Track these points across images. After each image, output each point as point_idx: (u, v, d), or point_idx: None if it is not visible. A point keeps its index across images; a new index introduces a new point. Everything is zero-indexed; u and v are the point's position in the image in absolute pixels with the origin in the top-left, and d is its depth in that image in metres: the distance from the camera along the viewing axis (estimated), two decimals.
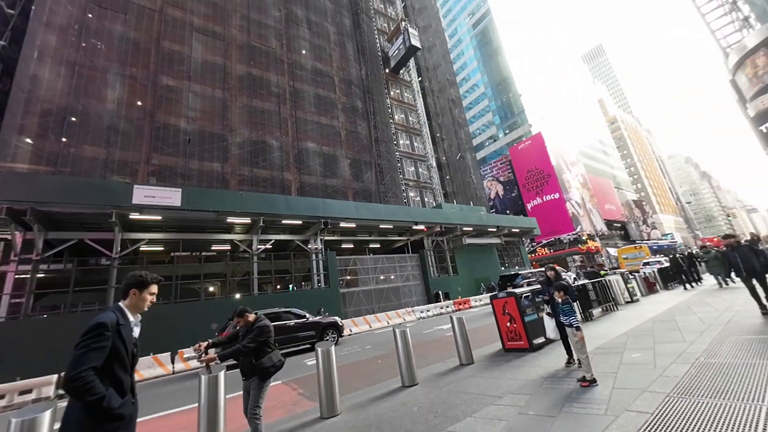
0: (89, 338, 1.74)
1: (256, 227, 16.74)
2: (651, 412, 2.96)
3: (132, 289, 2.13)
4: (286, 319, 10.99)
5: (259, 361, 3.40)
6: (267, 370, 3.39)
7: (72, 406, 1.69)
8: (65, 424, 1.67)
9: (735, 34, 50.17)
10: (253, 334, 3.45)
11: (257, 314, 3.77)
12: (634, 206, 66.97)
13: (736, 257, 6.37)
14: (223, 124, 20.68)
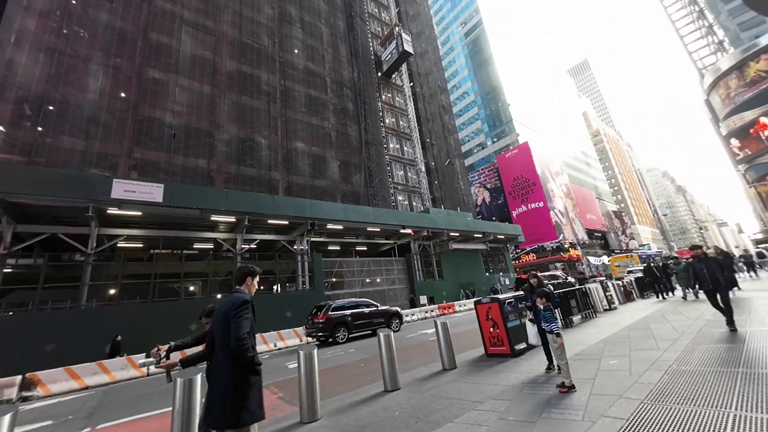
0: (242, 310, 2.33)
1: (241, 226, 16.43)
2: (626, 418, 3.03)
3: (248, 277, 2.70)
4: (365, 306, 13.51)
5: None
6: None
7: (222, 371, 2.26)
8: (228, 383, 2.21)
9: (710, 56, 52.90)
10: None
11: None
12: (614, 217, 69.25)
13: (702, 269, 6.14)
14: (211, 120, 20.28)
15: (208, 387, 2.32)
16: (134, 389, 8.18)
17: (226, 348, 2.27)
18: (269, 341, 13.07)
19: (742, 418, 2.73)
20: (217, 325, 2.43)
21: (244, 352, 2.20)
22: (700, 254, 6.34)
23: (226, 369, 2.25)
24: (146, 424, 5.27)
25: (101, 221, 13.82)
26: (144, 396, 7.26)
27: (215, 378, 2.30)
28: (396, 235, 24.26)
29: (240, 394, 2.21)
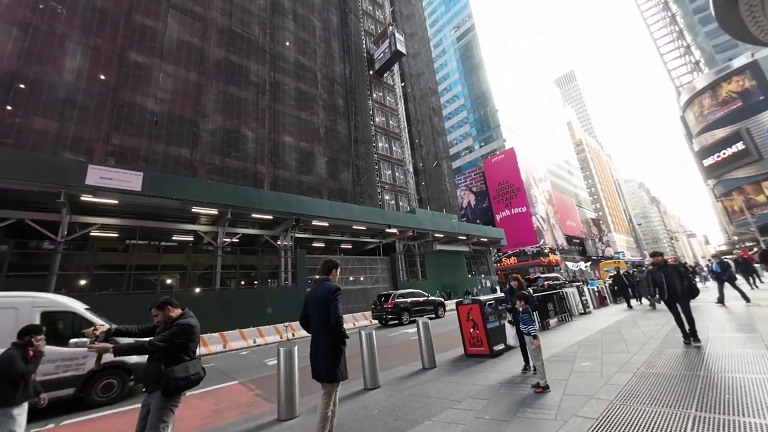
0: (338, 295, 3.06)
1: (224, 219, 16.06)
2: (595, 417, 3.16)
3: (333, 269, 3.29)
4: (418, 296, 16.15)
5: (169, 368, 2.59)
6: (176, 383, 2.57)
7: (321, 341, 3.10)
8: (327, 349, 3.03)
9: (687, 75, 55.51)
10: (169, 332, 2.67)
11: (185, 310, 2.95)
12: (592, 224, 71.70)
13: (661, 277, 5.80)
14: (196, 108, 19.69)
15: (311, 352, 3.17)
16: None
17: (322, 324, 3.08)
18: (248, 337, 12.83)
19: (700, 419, 2.90)
20: (313, 307, 3.15)
21: (340, 328, 3.03)
22: (660, 261, 5.96)
23: (323, 339, 3.06)
24: (117, 420, 5.08)
25: (74, 208, 13.19)
26: None
27: (317, 346, 3.12)
28: (381, 234, 24.29)
29: (335, 357, 3.03)
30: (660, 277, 5.81)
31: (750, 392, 3.35)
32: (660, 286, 5.80)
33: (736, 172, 38.12)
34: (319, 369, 3.07)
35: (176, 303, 2.92)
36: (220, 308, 14.83)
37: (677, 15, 55.10)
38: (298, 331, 14.60)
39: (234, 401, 5.42)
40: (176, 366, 2.61)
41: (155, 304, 2.89)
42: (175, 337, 2.64)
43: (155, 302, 2.90)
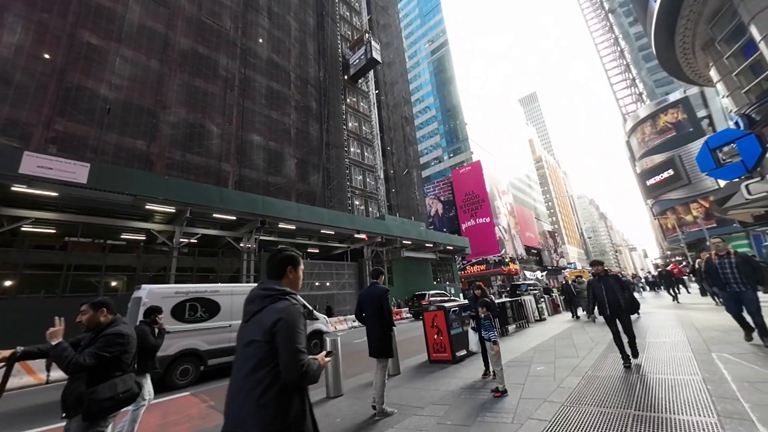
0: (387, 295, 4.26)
1: (181, 218, 15.06)
2: (549, 420, 3.34)
3: (381, 275, 4.42)
4: (444, 296, 20.20)
5: (92, 388, 2.17)
6: (99, 405, 2.15)
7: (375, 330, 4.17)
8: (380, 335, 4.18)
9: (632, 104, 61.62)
10: (96, 346, 2.23)
11: (116, 316, 2.54)
12: (548, 236, 76.48)
13: (602, 290, 5.18)
14: (156, 99, 18.43)
15: (368, 337, 4.22)
16: (29, 398, 6.95)
17: (376, 318, 4.13)
18: None
19: (639, 417, 3.17)
20: (368, 304, 4.23)
21: (391, 318, 4.16)
22: (600, 271, 5.36)
23: (377, 327, 4.13)
24: None
25: (2, 199, 11.70)
26: (42, 407, 6.20)
27: (372, 332, 4.19)
28: (350, 240, 24.10)
29: (387, 341, 4.11)
30: (600, 289, 5.19)
31: (681, 392, 3.73)
32: (600, 300, 5.17)
33: (670, 193, 42.75)
34: (375, 348, 4.10)
35: (113, 308, 2.56)
36: None
37: (625, 50, 61.25)
38: None
39: (184, 414, 5.04)
40: (102, 385, 2.21)
41: (91, 301, 2.54)
42: (103, 350, 2.22)
43: (90, 301, 2.56)
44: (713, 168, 13.23)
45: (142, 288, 7.35)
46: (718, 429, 2.77)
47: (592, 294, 5.35)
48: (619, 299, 5.00)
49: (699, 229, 36.77)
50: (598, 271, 5.40)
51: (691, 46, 15.32)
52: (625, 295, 5.02)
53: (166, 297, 7.20)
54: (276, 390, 1.40)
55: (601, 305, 5.18)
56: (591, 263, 5.62)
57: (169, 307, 7.12)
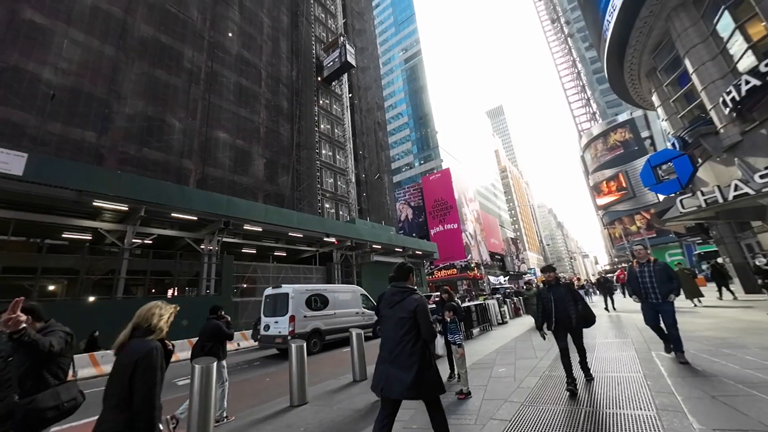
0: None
1: (135, 217, 13.97)
2: (509, 419, 3.48)
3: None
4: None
5: (30, 398, 1.91)
6: (42, 415, 1.91)
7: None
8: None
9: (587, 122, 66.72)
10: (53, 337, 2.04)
11: (49, 321, 2.23)
12: (511, 243, 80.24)
13: (551, 300, 4.39)
14: (110, 88, 17.05)
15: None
16: None
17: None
18: None
19: (590, 413, 3.39)
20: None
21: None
22: (551, 279, 4.57)
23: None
24: None
25: None
26: None
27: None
28: (319, 243, 23.67)
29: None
30: (549, 300, 4.39)
31: (626, 388, 4.04)
32: (548, 312, 4.38)
33: (618, 206, 46.70)
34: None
35: (41, 313, 2.20)
36: (121, 320, 12.63)
37: (582, 72, 66.49)
38: None
39: None
40: (41, 394, 1.94)
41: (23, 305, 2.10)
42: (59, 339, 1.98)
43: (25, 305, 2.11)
44: (654, 183, 14.67)
45: (285, 286, 10.76)
46: (656, 421, 3.04)
47: (542, 306, 4.47)
48: (569, 312, 4.26)
49: (642, 238, 40.46)
50: (549, 279, 4.55)
51: (637, 73, 16.98)
52: (577, 308, 4.31)
53: (303, 292, 10.67)
54: (420, 343, 2.53)
55: (548, 318, 4.37)
56: (542, 269, 4.76)
57: (303, 299, 10.58)
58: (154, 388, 1.71)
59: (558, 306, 4.35)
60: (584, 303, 4.42)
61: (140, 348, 1.81)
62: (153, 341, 1.91)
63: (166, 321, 2.05)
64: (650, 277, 5.04)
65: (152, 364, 1.75)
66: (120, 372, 1.75)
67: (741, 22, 10.52)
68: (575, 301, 4.36)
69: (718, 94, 11.36)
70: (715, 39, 11.71)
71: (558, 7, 73.49)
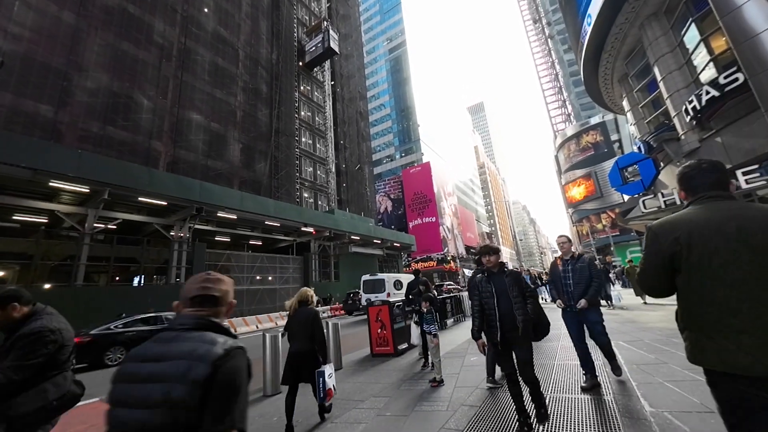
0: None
1: (97, 199, 13.12)
2: (479, 405, 3.61)
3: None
4: None
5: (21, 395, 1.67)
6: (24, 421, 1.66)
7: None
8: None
9: (562, 123, 69.12)
10: (15, 353, 1.69)
11: (36, 306, 1.95)
12: (486, 237, 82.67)
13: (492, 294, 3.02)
14: (69, 58, 15.69)
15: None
16: None
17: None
18: None
19: (553, 398, 3.59)
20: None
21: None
22: (493, 265, 3.14)
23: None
24: None
25: None
26: None
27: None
28: (296, 233, 23.30)
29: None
30: (490, 295, 3.01)
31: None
32: (489, 313, 3.01)
33: (587, 204, 49.09)
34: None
35: (27, 297, 1.90)
36: (80, 309, 11.96)
37: (559, 74, 68.52)
38: None
39: (91, 423, 4.41)
40: (34, 389, 1.69)
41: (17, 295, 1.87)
42: (25, 359, 1.67)
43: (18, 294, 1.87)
44: (620, 184, 15.51)
45: (380, 274, 17.12)
46: (613, 404, 3.27)
47: (478, 303, 3.08)
48: (515, 313, 2.89)
49: (606, 236, 42.90)
50: (489, 265, 3.12)
51: (611, 78, 17.71)
52: (525, 308, 2.90)
53: (391, 278, 16.11)
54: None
55: (490, 323, 2.98)
56: (480, 250, 3.26)
57: (392, 282, 16.75)
58: (323, 331, 3.54)
59: (501, 304, 2.92)
60: (535, 301, 3.00)
61: (310, 311, 3.59)
62: (313, 308, 3.71)
63: (314, 297, 3.82)
64: (573, 277, 3.92)
65: (320, 319, 3.56)
66: (303, 323, 3.48)
67: (705, 35, 11.18)
68: (523, 297, 2.93)
69: (681, 103, 12.09)
70: (681, 50, 12.40)
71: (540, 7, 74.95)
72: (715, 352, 1.24)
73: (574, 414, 3.17)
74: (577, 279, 3.90)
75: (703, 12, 10.92)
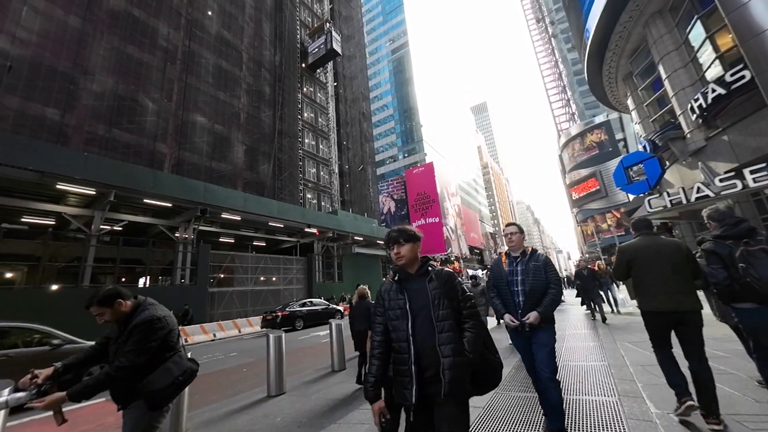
0: None
1: (103, 202, 13.27)
2: (482, 406, 3.60)
3: None
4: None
5: (146, 380, 1.93)
6: (159, 394, 1.92)
7: None
8: None
9: (566, 122, 68.69)
10: (133, 340, 1.91)
11: (138, 299, 2.13)
12: (490, 238, 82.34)
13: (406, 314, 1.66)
14: (76, 62, 15.90)
15: None
16: None
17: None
18: None
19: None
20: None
21: None
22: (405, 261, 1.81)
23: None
24: None
25: None
26: None
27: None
28: (300, 234, 23.38)
29: None
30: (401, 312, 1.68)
31: (592, 376, 4.27)
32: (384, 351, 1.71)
33: (592, 204, 48.70)
34: None
35: (127, 293, 2.09)
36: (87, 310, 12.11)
37: (563, 73, 68.14)
38: (192, 336, 12.95)
39: (98, 423, 4.46)
40: (155, 374, 1.94)
41: (93, 299, 2.00)
42: (143, 344, 1.92)
43: (92, 296, 2.00)
44: (626, 184, 15.37)
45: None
46: (618, 406, 3.23)
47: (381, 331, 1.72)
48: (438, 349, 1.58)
49: (611, 236, 42.50)
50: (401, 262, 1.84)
51: (615, 77, 17.58)
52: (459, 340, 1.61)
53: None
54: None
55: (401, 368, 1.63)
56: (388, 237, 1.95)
57: None
58: None
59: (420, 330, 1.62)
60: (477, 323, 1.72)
61: (369, 303, 5.16)
62: (369, 300, 5.33)
63: (368, 293, 5.47)
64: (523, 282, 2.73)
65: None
66: (364, 311, 5.07)
67: (711, 33, 11.06)
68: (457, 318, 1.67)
69: (687, 101, 11.95)
70: (687, 47, 12.27)
71: (543, 6, 74.62)
72: (646, 302, 2.83)
73: (578, 416, 3.15)
74: (530, 284, 2.69)
75: (708, 9, 10.80)
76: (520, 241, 2.93)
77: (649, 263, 2.78)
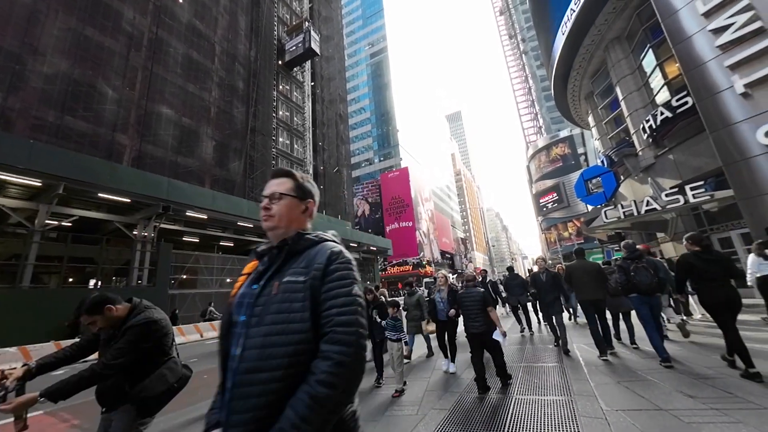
0: None
1: (50, 194, 12.16)
2: (448, 408, 3.68)
3: None
4: None
5: (141, 386, 1.87)
6: (156, 401, 1.92)
7: None
8: None
9: (534, 135, 72.35)
10: (125, 339, 1.85)
11: (133, 302, 2.08)
12: (461, 243, 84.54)
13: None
14: (23, 40, 14.49)
15: None
16: None
17: None
18: None
19: (519, 400, 3.72)
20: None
21: None
22: None
23: None
24: None
25: None
26: None
27: None
28: None
29: None
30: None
31: (550, 377, 4.50)
32: None
33: (555, 213, 51.54)
34: None
35: (117, 298, 2.03)
36: (28, 313, 10.98)
37: (532, 88, 71.84)
38: None
39: None
40: (148, 379, 1.89)
41: (81, 308, 1.92)
42: (134, 345, 1.85)
43: (79, 306, 1.93)
44: (585, 195, 16.43)
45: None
46: (573, 405, 3.44)
47: None
48: None
49: (572, 243, 45.19)
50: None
51: (578, 95, 18.82)
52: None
53: None
54: None
55: None
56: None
57: None
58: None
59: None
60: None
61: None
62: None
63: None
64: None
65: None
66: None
67: (661, 61, 12.18)
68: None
69: (639, 121, 13.05)
70: (640, 72, 13.42)
71: (516, 24, 78.42)
72: (582, 295, 5.36)
73: (536, 415, 3.30)
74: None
75: (659, 39, 11.90)
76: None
77: (581, 275, 5.39)
